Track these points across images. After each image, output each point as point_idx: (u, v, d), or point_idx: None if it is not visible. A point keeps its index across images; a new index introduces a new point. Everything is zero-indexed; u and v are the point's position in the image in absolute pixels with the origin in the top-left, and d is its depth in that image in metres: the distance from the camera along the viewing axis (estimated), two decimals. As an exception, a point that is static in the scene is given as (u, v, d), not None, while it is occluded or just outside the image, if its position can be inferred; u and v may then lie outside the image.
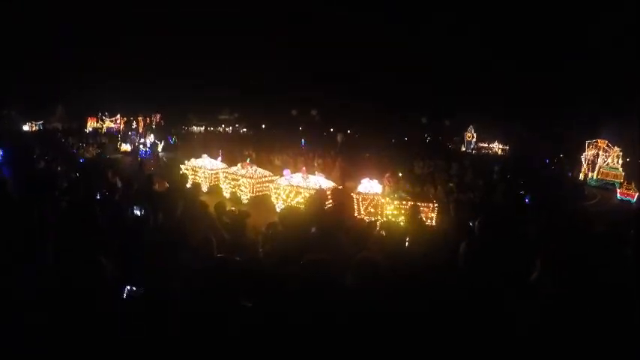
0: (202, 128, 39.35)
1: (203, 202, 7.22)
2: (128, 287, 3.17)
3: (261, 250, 5.63)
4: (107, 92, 29.52)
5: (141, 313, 2.88)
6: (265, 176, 14.74)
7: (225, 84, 34.62)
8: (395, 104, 34.29)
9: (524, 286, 3.40)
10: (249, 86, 33.99)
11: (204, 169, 15.66)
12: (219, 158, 16.62)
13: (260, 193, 14.07)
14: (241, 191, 14.32)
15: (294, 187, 12.86)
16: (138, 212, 5.03)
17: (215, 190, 15.07)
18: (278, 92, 34.55)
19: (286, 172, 13.96)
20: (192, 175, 15.75)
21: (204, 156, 16.36)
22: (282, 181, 13.46)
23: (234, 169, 15.18)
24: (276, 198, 13.19)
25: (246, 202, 13.89)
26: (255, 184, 14.08)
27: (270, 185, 13.80)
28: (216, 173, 15.52)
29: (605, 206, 20.11)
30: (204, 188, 15.19)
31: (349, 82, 34.67)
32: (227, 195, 14.60)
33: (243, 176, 14.41)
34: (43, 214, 4.57)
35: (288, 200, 12.80)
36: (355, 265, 2.65)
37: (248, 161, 16.28)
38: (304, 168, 14.24)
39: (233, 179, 14.71)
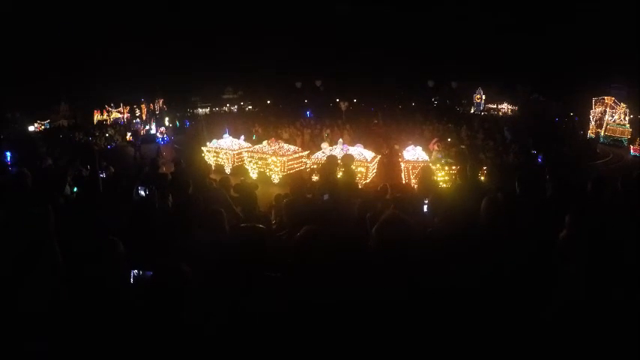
0: (207, 109, 39.03)
1: (211, 180, 7.10)
2: (135, 272, 3.03)
3: (273, 221, 5.51)
4: (109, 83, 29.17)
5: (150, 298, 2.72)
6: (296, 152, 14.09)
7: (226, 62, 34.18)
8: (400, 69, 33.63)
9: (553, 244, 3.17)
10: (250, 63, 33.48)
11: (226, 150, 15.01)
12: (242, 137, 16.05)
13: (292, 171, 13.28)
14: (271, 170, 13.56)
15: None
16: (143, 192, 4.89)
17: (240, 171, 14.13)
18: (280, 66, 34.03)
19: (324, 145, 13.58)
20: (214, 157, 15.23)
21: (226, 136, 15.73)
22: (320, 155, 12.92)
23: (258, 147, 14.47)
24: (315, 173, 12.35)
25: (277, 182, 13.19)
26: (286, 162, 13.38)
27: (307, 161, 13.29)
28: (239, 153, 14.87)
29: (619, 164, 19.72)
30: (228, 170, 14.57)
31: (352, 50, 34.00)
32: (254, 176, 13.84)
33: (272, 154, 13.61)
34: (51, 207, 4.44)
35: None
36: (382, 225, 2.39)
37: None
38: (341, 140, 13.72)
39: (260, 158, 13.88)
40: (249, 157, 14.28)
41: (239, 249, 2.54)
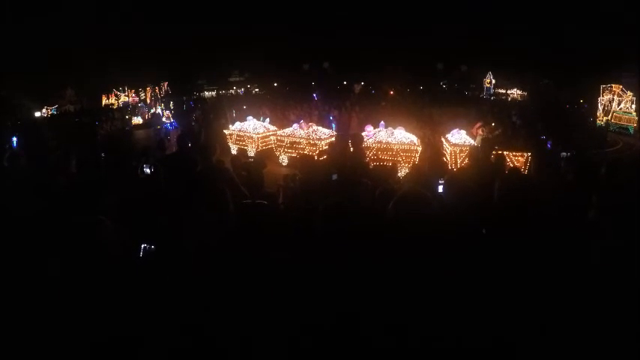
0: (214, 93, 38.80)
1: (219, 160, 7.00)
2: (145, 245, 2.97)
3: (281, 202, 5.42)
4: (114, 67, 28.87)
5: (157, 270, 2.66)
6: (332, 135, 13.26)
7: (234, 44, 33.85)
8: (408, 52, 33.18)
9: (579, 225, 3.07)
10: (257, 44, 33.13)
11: (249, 134, 14.19)
12: (267, 120, 15.32)
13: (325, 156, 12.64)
14: None
15: (382, 143, 11.82)
16: (148, 170, 4.82)
17: (267, 156, 12.88)
18: (287, 48, 33.69)
19: (368, 127, 12.91)
20: (236, 141, 14.52)
21: (249, 118, 14.94)
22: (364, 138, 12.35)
23: (288, 131, 13.71)
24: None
25: None
26: (324, 146, 12.48)
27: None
28: (264, 137, 14.08)
29: (630, 152, 19.40)
30: (251, 154, 13.83)
31: (360, 32, 33.57)
32: (285, 162, 13.13)
33: (307, 138, 12.81)
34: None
35: (371, 157, 11.52)
36: (401, 199, 2.28)
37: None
38: (383, 122, 12.99)
39: (292, 143, 13.07)
40: (279, 142, 13.55)
41: (241, 225, 2.48)
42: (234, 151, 14.25)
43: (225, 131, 14.97)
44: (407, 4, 34.10)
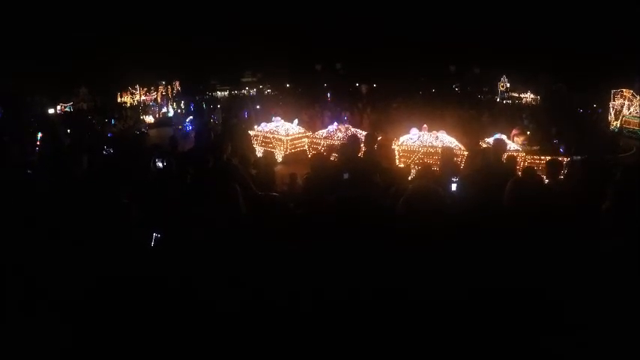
0: (226, 92, 38.92)
1: (229, 158, 7.05)
2: (156, 234, 3.03)
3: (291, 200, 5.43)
4: (127, 66, 29.00)
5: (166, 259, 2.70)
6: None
7: (246, 44, 33.95)
8: (421, 54, 33.06)
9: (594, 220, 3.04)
10: (269, 44, 33.20)
11: (277, 135, 13.45)
12: (296, 121, 14.52)
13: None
14: None
15: (428, 147, 11.44)
16: (160, 164, 4.87)
17: (298, 159, 12.46)
18: (300, 49, 33.73)
19: (413, 130, 12.34)
20: (263, 142, 13.84)
21: (277, 119, 14.21)
22: (407, 141, 11.93)
23: (322, 133, 12.94)
24: (403, 161, 11.35)
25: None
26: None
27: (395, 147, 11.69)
28: (295, 139, 13.40)
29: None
30: (279, 158, 13.28)
31: (372, 33, 33.53)
32: None
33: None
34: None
35: (416, 161, 11.29)
36: (412, 193, 2.27)
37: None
38: (425, 125, 12.34)
39: (331, 146, 11.93)
40: (314, 145, 12.82)
41: (257, 214, 2.52)
42: (259, 154, 13.59)
43: (251, 132, 14.38)
44: (420, 4, 33.99)
